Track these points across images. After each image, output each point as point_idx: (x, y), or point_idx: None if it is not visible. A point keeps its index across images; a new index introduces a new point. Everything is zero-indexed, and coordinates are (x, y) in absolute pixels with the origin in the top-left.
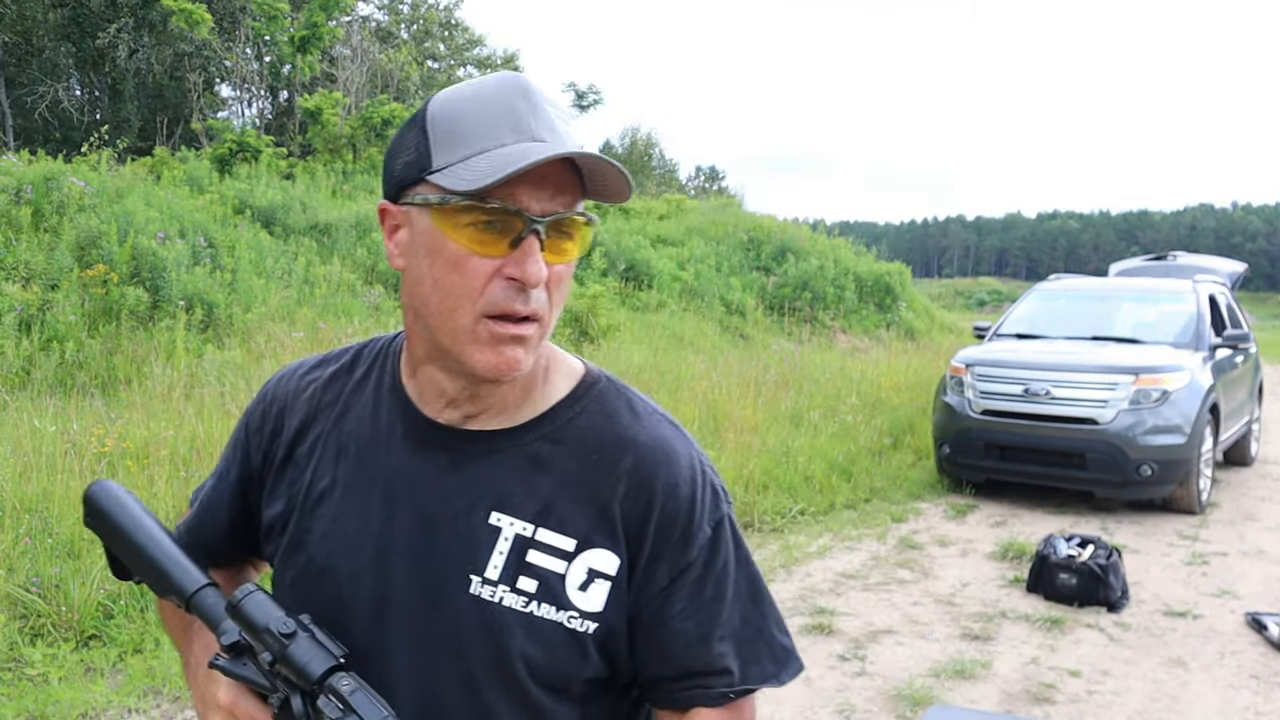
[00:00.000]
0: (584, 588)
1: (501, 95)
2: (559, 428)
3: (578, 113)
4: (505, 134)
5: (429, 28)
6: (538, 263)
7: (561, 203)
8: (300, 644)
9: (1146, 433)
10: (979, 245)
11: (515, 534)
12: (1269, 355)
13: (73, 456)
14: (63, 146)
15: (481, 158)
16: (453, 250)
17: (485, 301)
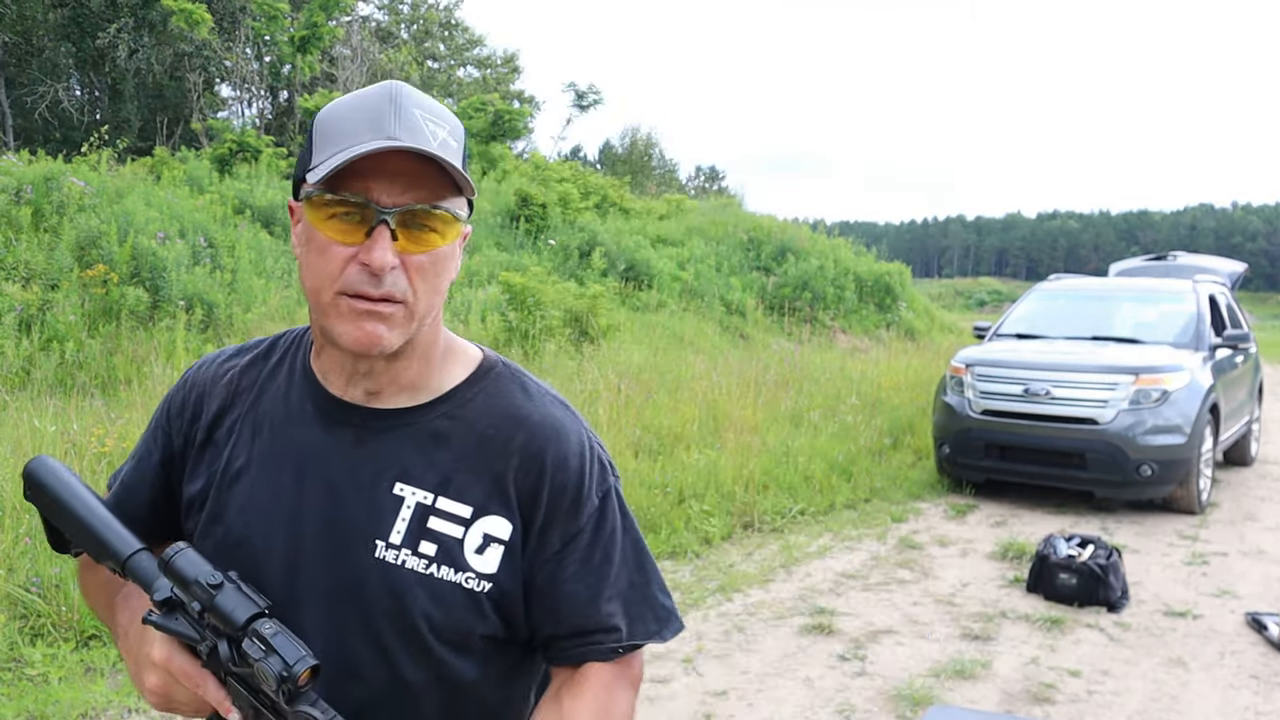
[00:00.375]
0: (480, 551)
1: (372, 100)
2: (457, 407)
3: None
4: (364, 134)
5: (429, 28)
6: (383, 250)
7: (414, 196)
8: (227, 594)
9: (1146, 433)
10: (979, 245)
11: (417, 502)
12: (1269, 355)
13: (73, 456)
14: (63, 146)
15: (338, 155)
16: (319, 239)
17: (342, 282)
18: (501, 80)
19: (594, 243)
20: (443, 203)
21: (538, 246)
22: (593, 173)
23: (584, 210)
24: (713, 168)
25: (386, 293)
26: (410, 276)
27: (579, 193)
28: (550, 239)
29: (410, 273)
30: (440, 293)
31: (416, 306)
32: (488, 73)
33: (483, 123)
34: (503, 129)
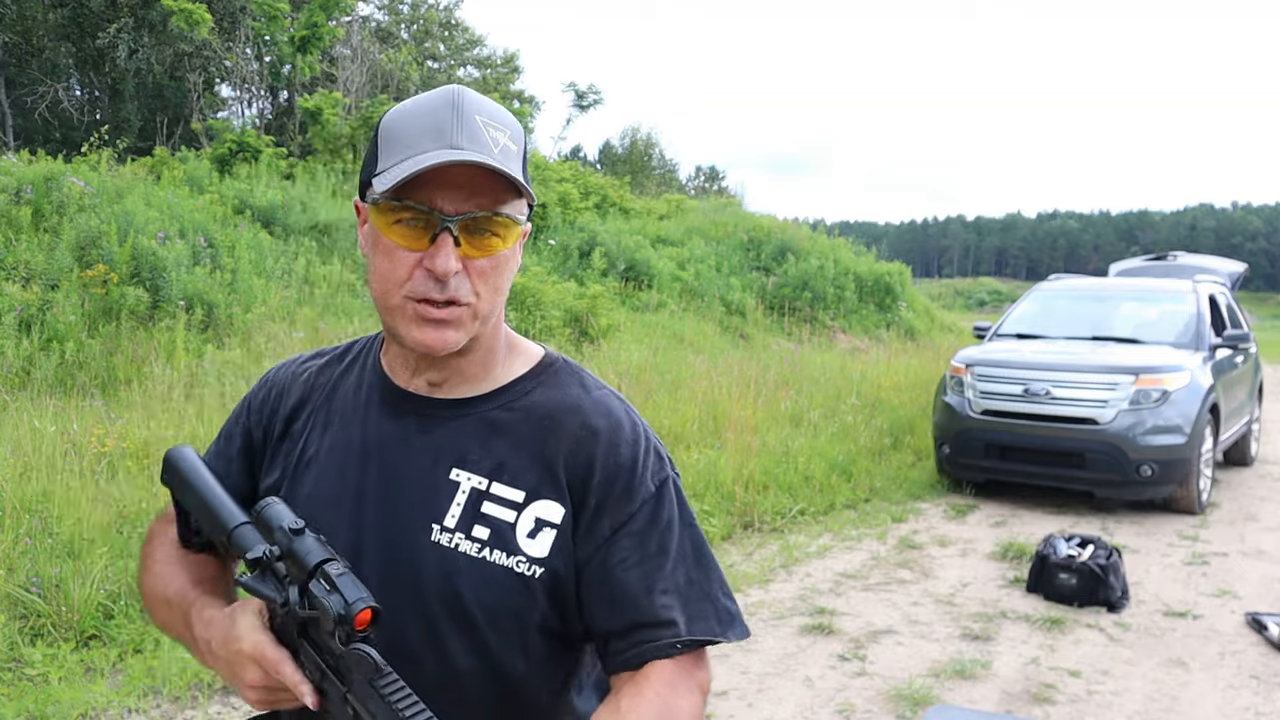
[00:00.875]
0: (532, 535)
1: (434, 107)
2: (516, 399)
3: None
4: (427, 142)
5: (429, 28)
6: (447, 257)
7: (476, 204)
8: (306, 539)
9: (1146, 433)
10: (979, 245)
11: (471, 487)
12: (1269, 355)
13: (73, 456)
14: (63, 146)
15: (403, 164)
16: (386, 243)
17: (409, 287)
18: (501, 80)
19: (594, 243)
20: (503, 208)
21: (538, 246)
22: (593, 173)
23: (584, 210)
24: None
25: (451, 296)
26: (473, 280)
27: (579, 193)
28: (550, 239)
29: (473, 276)
30: (502, 292)
31: (480, 308)
32: (488, 73)
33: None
34: None
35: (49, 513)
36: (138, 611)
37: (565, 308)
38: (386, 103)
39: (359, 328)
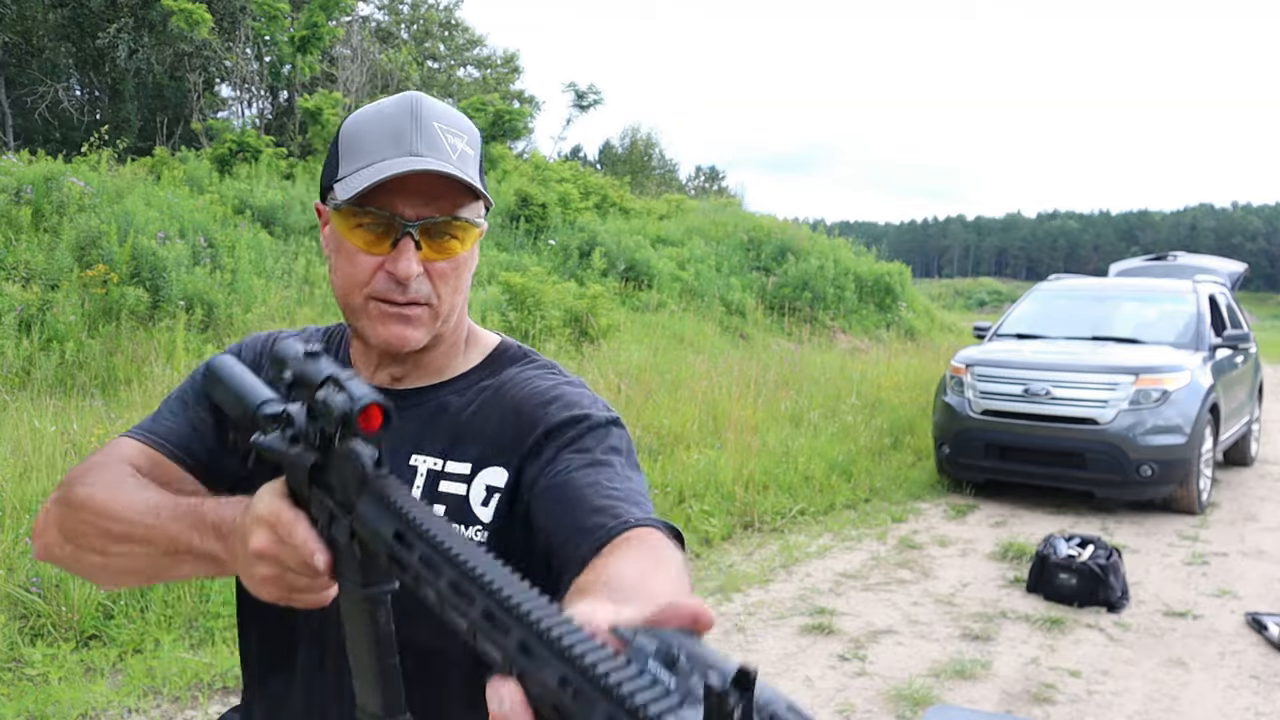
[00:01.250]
0: (485, 503)
1: (393, 114)
2: (468, 385)
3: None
4: (387, 149)
5: (429, 28)
6: (409, 261)
7: (435, 208)
8: (320, 359)
9: (1146, 433)
10: (979, 245)
11: (428, 469)
12: (1269, 355)
13: (73, 456)
14: (63, 146)
15: (363, 171)
16: (348, 247)
17: (371, 288)
18: (501, 80)
19: (594, 243)
20: (461, 212)
21: (538, 246)
22: (593, 173)
23: (584, 210)
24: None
25: (412, 298)
26: (434, 281)
27: (579, 193)
28: (550, 239)
29: (434, 278)
30: (462, 292)
31: (441, 307)
32: (488, 73)
33: (483, 123)
34: (503, 129)
35: None
36: (137, 611)
37: (565, 308)
38: None
39: None
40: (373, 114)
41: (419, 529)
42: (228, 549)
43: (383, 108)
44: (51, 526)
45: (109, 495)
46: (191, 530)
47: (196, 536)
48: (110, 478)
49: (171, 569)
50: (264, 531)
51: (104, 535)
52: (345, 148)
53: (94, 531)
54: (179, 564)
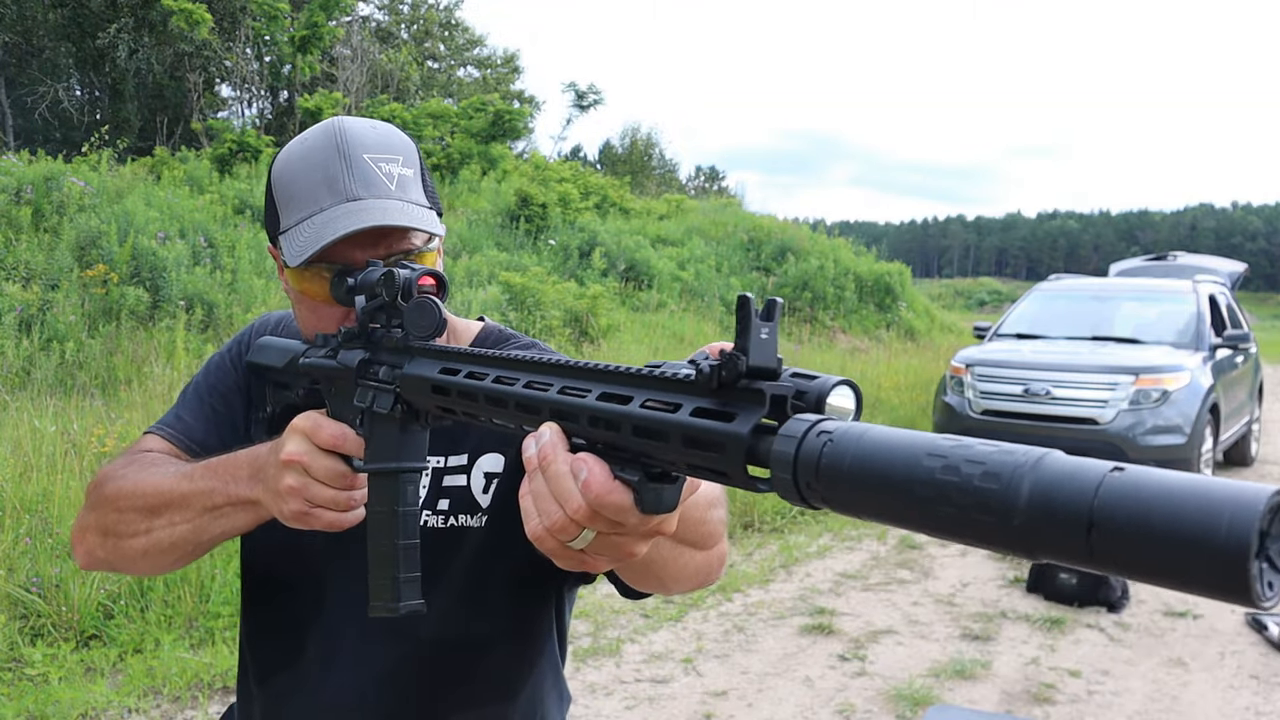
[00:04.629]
0: (485, 490)
1: (319, 155)
2: None
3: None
4: (323, 197)
5: (429, 28)
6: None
7: (388, 247)
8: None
9: (1147, 433)
10: (979, 245)
11: (432, 469)
12: (1269, 355)
13: (73, 456)
14: (63, 146)
15: (305, 225)
16: (307, 300)
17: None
18: (501, 80)
19: (594, 243)
20: (414, 239)
21: (538, 246)
22: (593, 173)
23: (584, 210)
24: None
25: None
26: None
27: (579, 193)
28: (550, 239)
29: None
30: None
31: None
32: (488, 73)
33: (483, 123)
34: (503, 129)
35: (49, 513)
36: (137, 611)
37: (565, 308)
38: (386, 102)
39: None
40: (299, 160)
41: (463, 354)
42: (263, 484)
43: (309, 147)
44: (88, 530)
45: (140, 477)
46: (226, 480)
47: (231, 484)
48: (137, 467)
49: (213, 526)
50: (297, 439)
51: (142, 512)
52: (280, 197)
53: (132, 513)
54: (219, 519)
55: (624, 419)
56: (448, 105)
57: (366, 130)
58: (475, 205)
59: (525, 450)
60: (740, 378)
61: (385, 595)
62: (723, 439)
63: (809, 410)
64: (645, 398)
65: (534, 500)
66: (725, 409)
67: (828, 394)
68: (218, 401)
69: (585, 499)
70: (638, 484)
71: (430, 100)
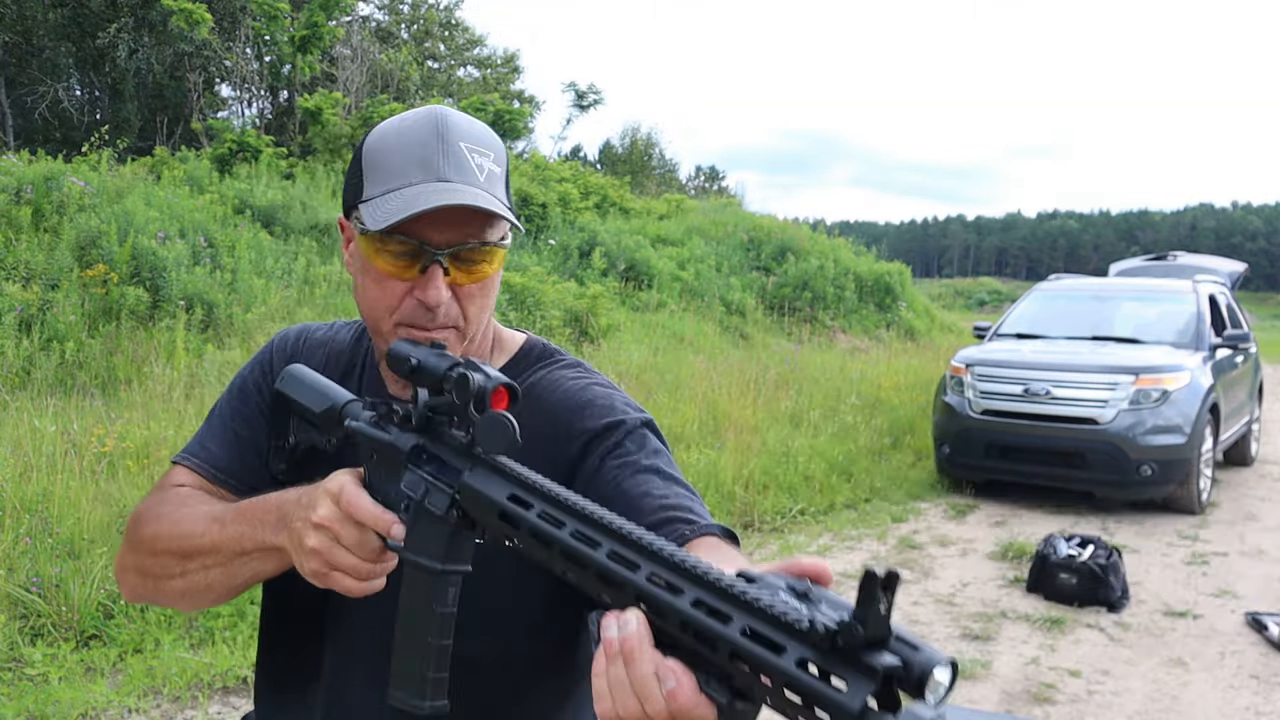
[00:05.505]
0: None
1: (418, 134)
2: None
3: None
4: (414, 173)
5: (429, 28)
6: (438, 289)
7: (464, 234)
8: (447, 352)
9: (1147, 433)
10: (979, 245)
11: None
12: (1269, 355)
13: (73, 456)
14: (63, 146)
15: (393, 196)
16: (376, 271)
17: (399, 314)
18: (501, 80)
19: (594, 243)
20: (490, 235)
21: (538, 246)
22: (593, 173)
23: (584, 210)
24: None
25: (441, 323)
26: (462, 303)
27: (579, 193)
28: (550, 239)
29: (462, 301)
30: (489, 309)
31: (468, 328)
32: (488, 73)
33: (483, 123)
34: (503, 129)
35: (49, 513)
36: (138, 611)
37: (565, 308)
38: (386, 102)
39: None
40: (397, 136)
41: (536, 488)
42: (288, 533)
43: (408, 127)
44: (129, 570)
45: (173, 520)
46: (255, 525)
47: (259, 529)
48: (170, 507)
49: (243, 570)
50: (330, 504)
51: (176, 556)
52: (370, 167)
53: (167, 557)
54: (248, 563)
55: (722, 640)
56: (447, 105)
57: (465, 122)
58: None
59: (605, 630)
60: (857, 649)
61: (409, 688)
62: (831, 706)
63: (910, 680)
64: (746, 623)
65: (610, 687)
66: (835, 671)
67: (931, 672)
68: (240, 426)
69: (668, 706)
70: (724, 705)
71: (430, 100)
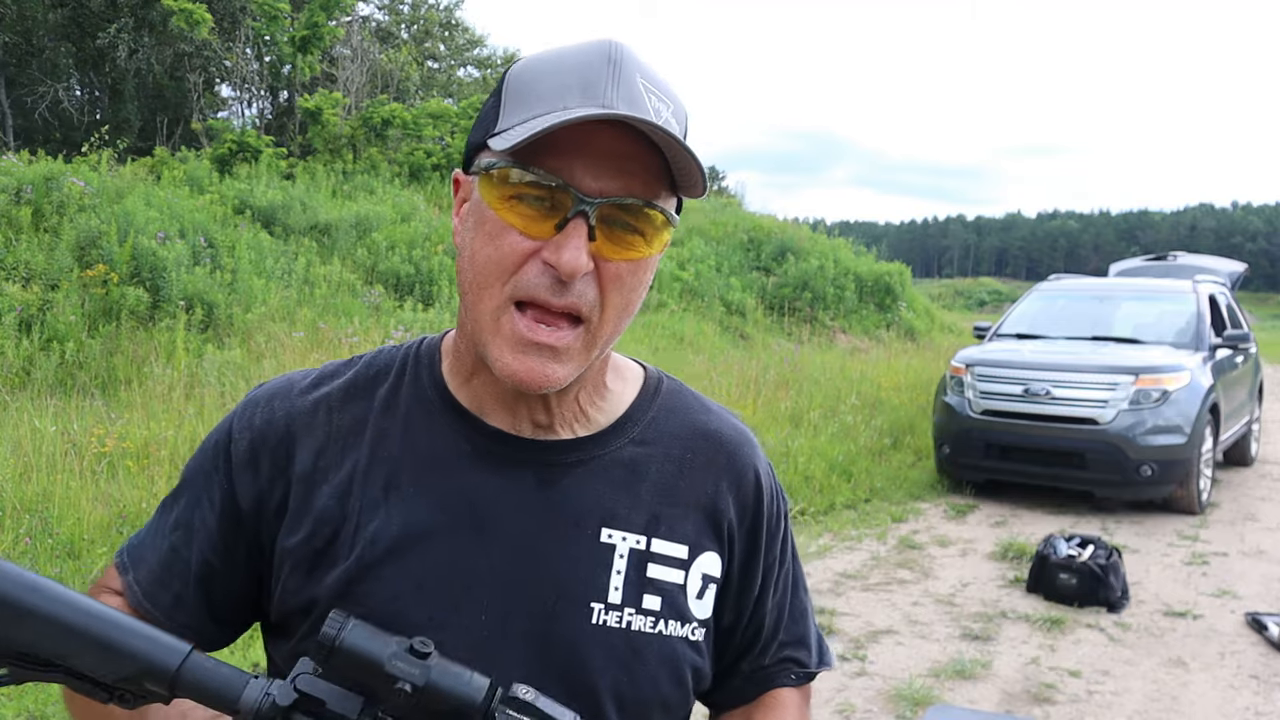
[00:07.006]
0: (700, 595)
1: (584, 59)
2: (643, 429)
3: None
4: (572, 97)
5: (429, 28)
6: (577, 250)
7: (625, 186)
8: (444, 666)
9: (1147, 433)
10: (979, 245)
11: (630, 549)
12: (1269, 355)
13: (73, 456)
14: (63, 146)
15: (537, 119)
16: (495, 223)
17: (515, 284)
18: None
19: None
20: (658, 200)
21: None
22: None
23: None
24: (713, 168)
25: (570, 304)
26: (603, 287)
27: None
28: None
29: (604, 282)
30: (631, 314)
31: (601, 329)
32: (488, 73)
33: None
34: None
35: (49, 513)
36: None
37: None
38: (386, 102)
39: (359, 328)
40: (553, 58)
41: None
42: None
43: (569, 51)
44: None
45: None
46: None
47: None
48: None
49: None
50: None
51: None
52: (513, 95)
53: None
54: None
55: None
56: (448, 105)
57: (647, 62)
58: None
59: None
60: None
61: None
62: None
63: None
64: None
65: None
66: None
67: None
68: (181, 540)
69: None
70: None
71: (430, 100)
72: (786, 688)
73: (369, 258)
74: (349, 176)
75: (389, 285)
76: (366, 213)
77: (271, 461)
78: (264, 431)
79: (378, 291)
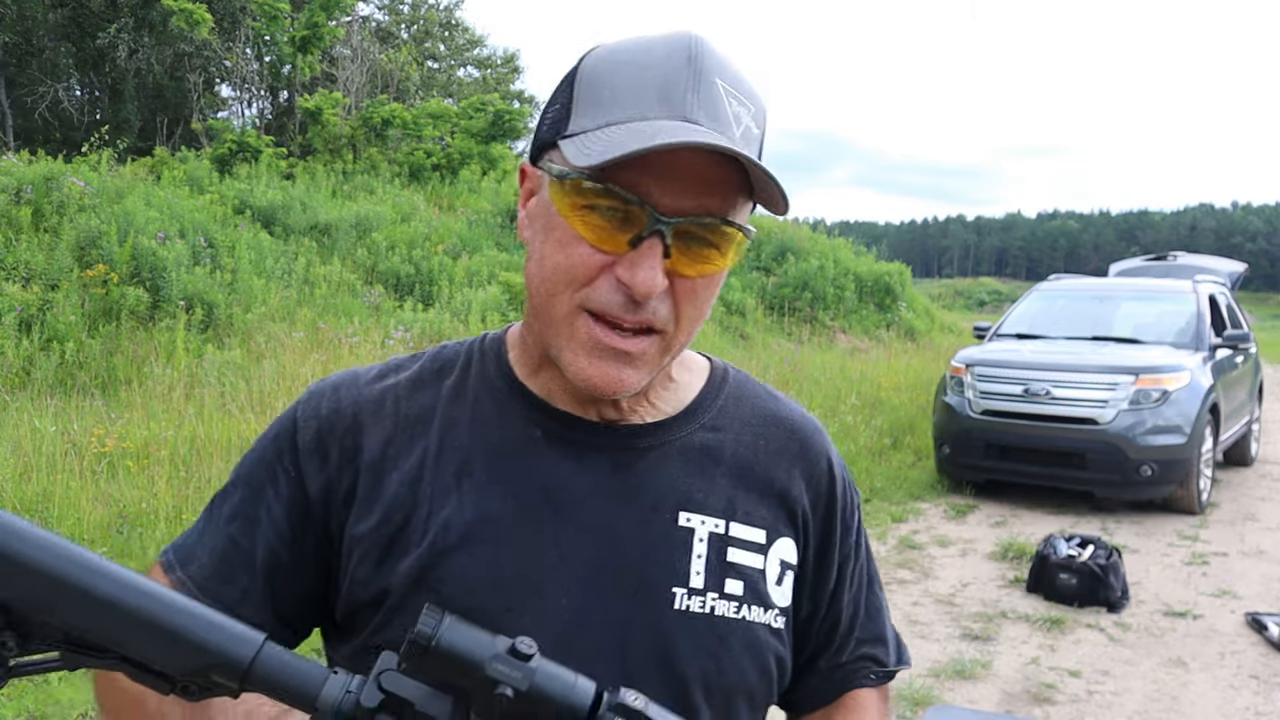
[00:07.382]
0: (779, 582)
1: (663, 58)
2: (714, 416)
3: (758, 97)
4: (650, 105)
5: (429, 28)
6: (652, 271)
7: (704, 204)
8: (549, 669)
9: (1147, 433)
10: (979, 245)
11: (709, 533)
12: (1269, 355)
13: (73, 456)
14: (63, 146)
15: (615, 129)
16: (567, 232)
17: (586, 296)
18: (501, 80)
19: None
20: (735, 214)
21: None
22: None
23: None
24: None
25: (643, 320)
26: (677, 301)
27: None
28: None
29: (678, 296)
30: (703, 319)
31: (675, 339)
32: (488, 73)
33: (483, 123)
34: (503, 129)
35: (49, 513)
36: None
37: None
38: (386, 102)
39: (359, 328)
40: (632, 54)
41: None
42: None
43: (648, 45)
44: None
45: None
46: None
47: None
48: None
49: None
50: None
51: None
52: (588, 91)
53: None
54: None
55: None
56: (448, 105)
57: (726, 58)
58: (475, 205)
59: None
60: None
61: None
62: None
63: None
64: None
65: None
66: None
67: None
68: (241, 531)
69: None
70: None
71: (430, 100)
72: (866, 688)
73: (369, 258)
74: (349, 176)
75: (389, 285)
76: (366, 213)
77: (340, 449)
78: (331, 420)
79: (378, 291)
